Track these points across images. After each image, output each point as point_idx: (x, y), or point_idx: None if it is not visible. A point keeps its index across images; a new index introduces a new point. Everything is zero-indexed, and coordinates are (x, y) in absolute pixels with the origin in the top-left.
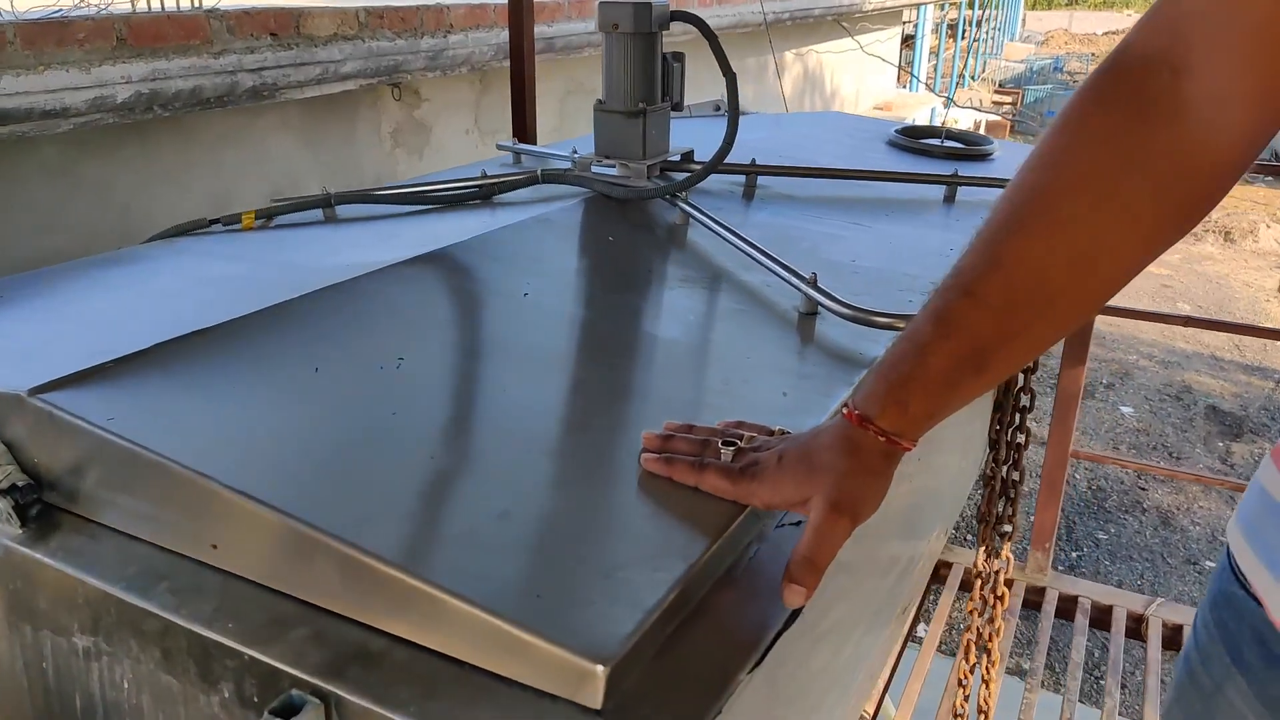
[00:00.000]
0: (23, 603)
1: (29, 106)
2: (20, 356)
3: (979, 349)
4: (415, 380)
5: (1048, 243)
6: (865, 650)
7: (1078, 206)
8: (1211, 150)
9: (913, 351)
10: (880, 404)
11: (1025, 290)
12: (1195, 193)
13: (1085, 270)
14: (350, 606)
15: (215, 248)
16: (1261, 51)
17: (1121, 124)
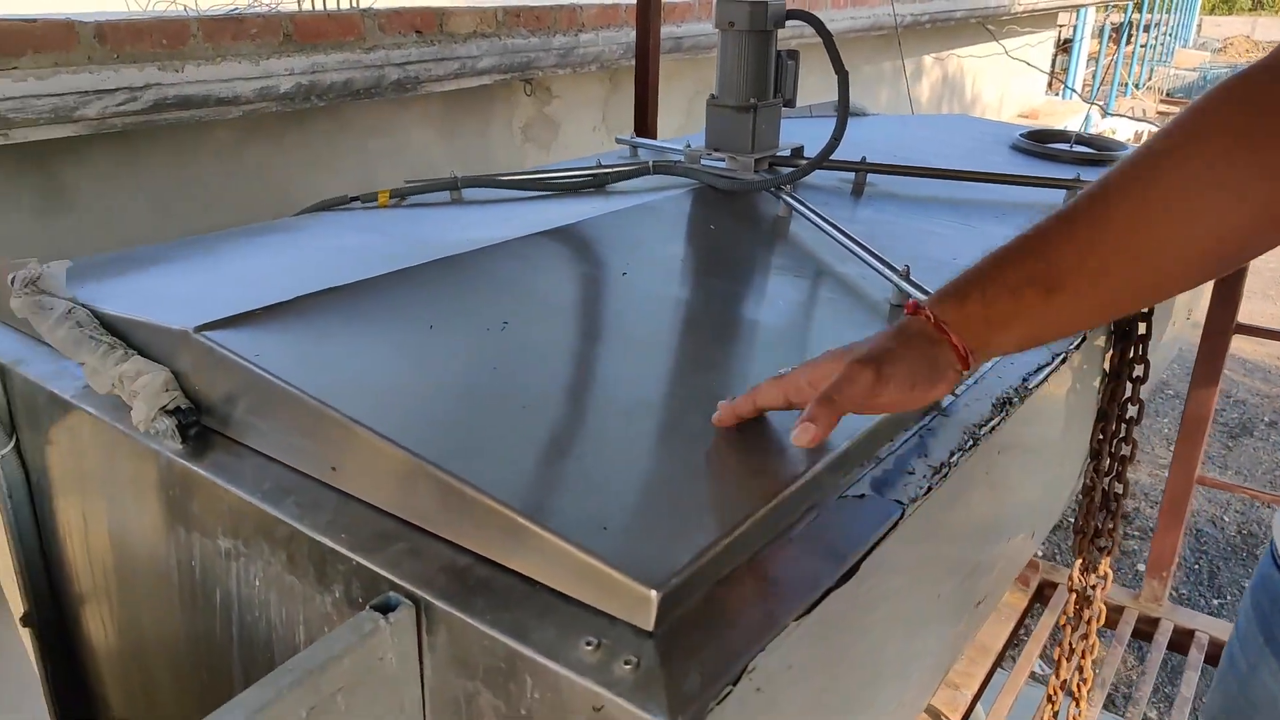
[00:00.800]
0: (179, 508)
1: (206, 94)
2: (187, 302)
3: (1054, 272)
4: (517, 342)
5: (1155, 194)
6: (930, 644)
7: (1194, 180)
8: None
9: (991, 260)
10: (941, 295)
11: (1116, 231)
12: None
13: (1180, 234)
14: (443, 527)
15: (354, 221)
16: None
17: (1258, 122)
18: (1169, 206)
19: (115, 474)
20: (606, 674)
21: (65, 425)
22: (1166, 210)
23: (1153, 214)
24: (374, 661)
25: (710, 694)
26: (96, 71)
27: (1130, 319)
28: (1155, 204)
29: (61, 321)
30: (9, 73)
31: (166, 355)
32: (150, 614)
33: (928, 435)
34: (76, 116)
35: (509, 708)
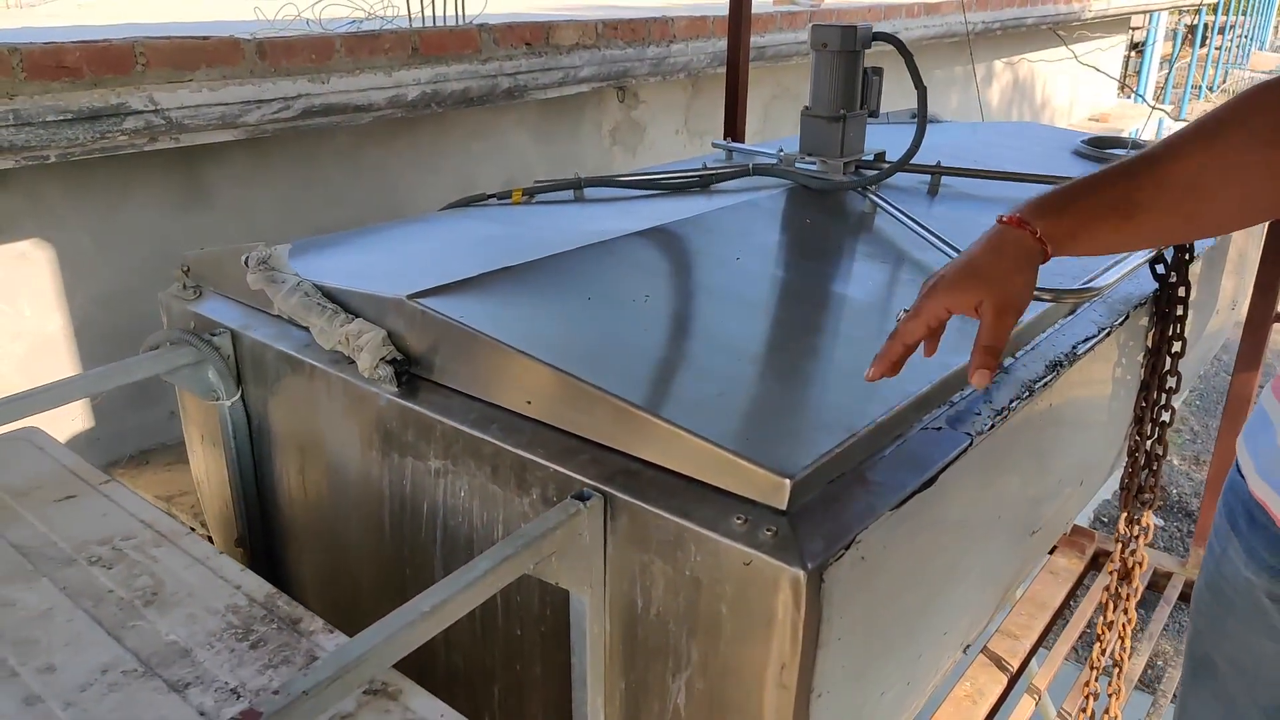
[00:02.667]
0: (394, 438)
1: (346, 102)
2: (390, 276)
3: (1134, 201)
4: (659, 309)
5: (1210, 156)
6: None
7: (1246, 151)
8: None
9: (1085, 186)
10: (1041, 211)
11: (1186, 176)
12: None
13: (1227, 189)
14: (619, 441)
15: (495, 215)
16: None
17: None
18: (1224, 164)
19: (336, 413)
20: (754, 539)
21: (289, 377)
22: (1222, 168)
23: (1211, 168)
24: (575, 536)
25: (829, 555)
26: (258, 84)
27: (1166, 299)
28: (1214, 160)
29: (292, 293)
30: (185, 84)
31: (380, 318)
32: (359, 528)
33: (993, 388)
34: (239, 123)
35: (675, 570)
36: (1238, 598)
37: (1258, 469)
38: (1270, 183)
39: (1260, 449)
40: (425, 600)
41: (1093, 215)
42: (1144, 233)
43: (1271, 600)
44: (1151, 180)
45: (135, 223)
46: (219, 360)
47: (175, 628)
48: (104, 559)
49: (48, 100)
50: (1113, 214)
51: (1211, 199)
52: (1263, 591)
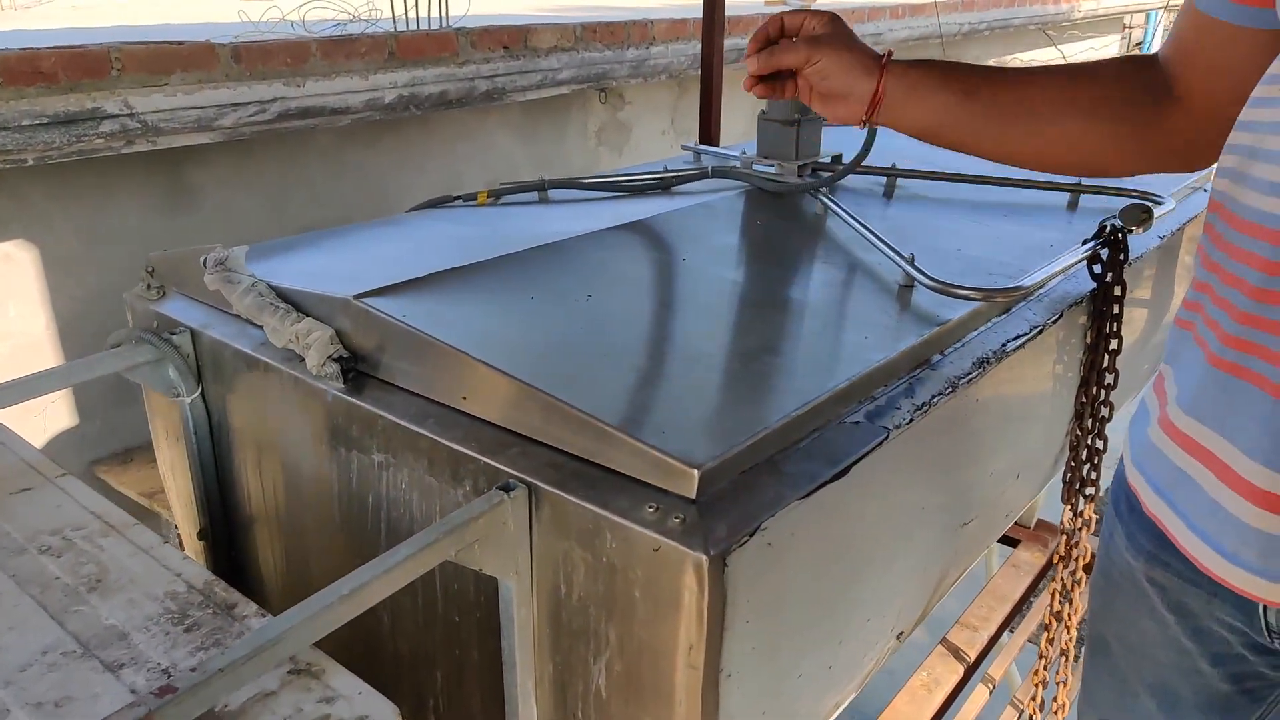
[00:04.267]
0: (340, 432)
1: (322, 105)
2: (342, 277)
3: (973, 87)
4: (598, 309)
5: (1058, 91)
6: (919, 549)
7: (1079, 88)
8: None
9: (951, 64)
10: (901, 66)
11: (1021, 94)
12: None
13: (1055, 119)
14: (546, 435)
15: (460, 216)
16: None
17: (1133, 81)
18: (1066, 102)
19: (289, 410)
20: (663, 526)
21: (246, 374)
22: (1063, 105)
23: (1051, 99)
24: (499, 525)
25: (733, 540)
26: (234, 87)
27: (1103, 298)
28: (1058, 97)
29: (247, 293)
30: (160, 88)
31: (329, 317)
32: (312, 521)
33: (916, 384)
34: (215, 126)
35: (594, 557)
36: (1123, 580)
37: (1132, 457)
38: (1101, 138)
39: (1136, 438)
40: (346, 584)
41: (935, 80)
42: (973, 121)
43: (1149, 583)
44: (1002, 82)
45: (121, 224)
46: (178, 358)
47: (115, 612)
48: (53, 548)
49: (24, 105)
50: (955, 85)
51: (1045, 122)
52: (1142, 574)
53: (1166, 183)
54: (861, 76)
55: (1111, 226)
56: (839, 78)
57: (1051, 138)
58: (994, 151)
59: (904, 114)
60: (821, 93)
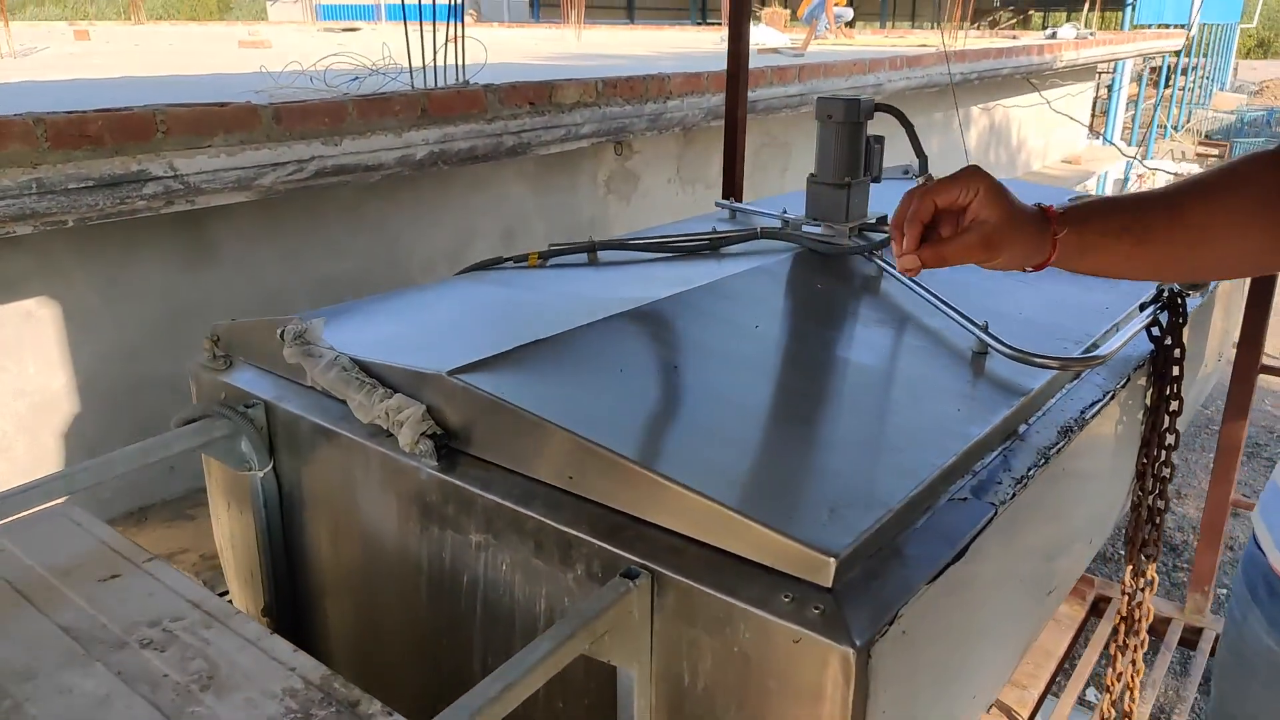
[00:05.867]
0: (433, 511)
1: (357, 163)
2: (425, 349)
3: (1149, 230)
4: (689, 381)
5: (1221, 206)
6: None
7: (1237, 209)
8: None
9: (1110, 204)
10: (1070, 218)
11: (1195, 220)
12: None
13: (1230, 239)
14: (663, 517)
15: (515, 279)
16: None
17: None
18: (1223, 220)
19: (373, 486)
20: (802, 617)
21: (324, 448)
22: (1226, 224)
23: (1215, 220)
24: (625, 614)
25: (875, 631)
26: (274, 147)
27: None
28: (1218, 214)
29: (330, 367)
30: (204, 150)
31: (419, 392)
32: (394, 600)
33: (1010, 455)
34: (254, 186)
35: (723, 646)
36: (1261, 664)
37: (1276, 544)
38: (1267, 241)
39: (1277, 524)
40: (493, 684)
41: (1108, 233)
42: (1150, 261)
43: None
44: (1168, 215)
45: (143, 281)
46: (253, 432)
47: (234, 713)
48: (156, 641)
49: (70, 169)
50: (1127, 236)
51: (1223, 243)
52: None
53: None
54: (1034, 251)
55: (1170, 291)
56: (1013, 258)
57: (1228, 261)
58: (1193, 276)
59: (1077, 266)
60: (991, 263)
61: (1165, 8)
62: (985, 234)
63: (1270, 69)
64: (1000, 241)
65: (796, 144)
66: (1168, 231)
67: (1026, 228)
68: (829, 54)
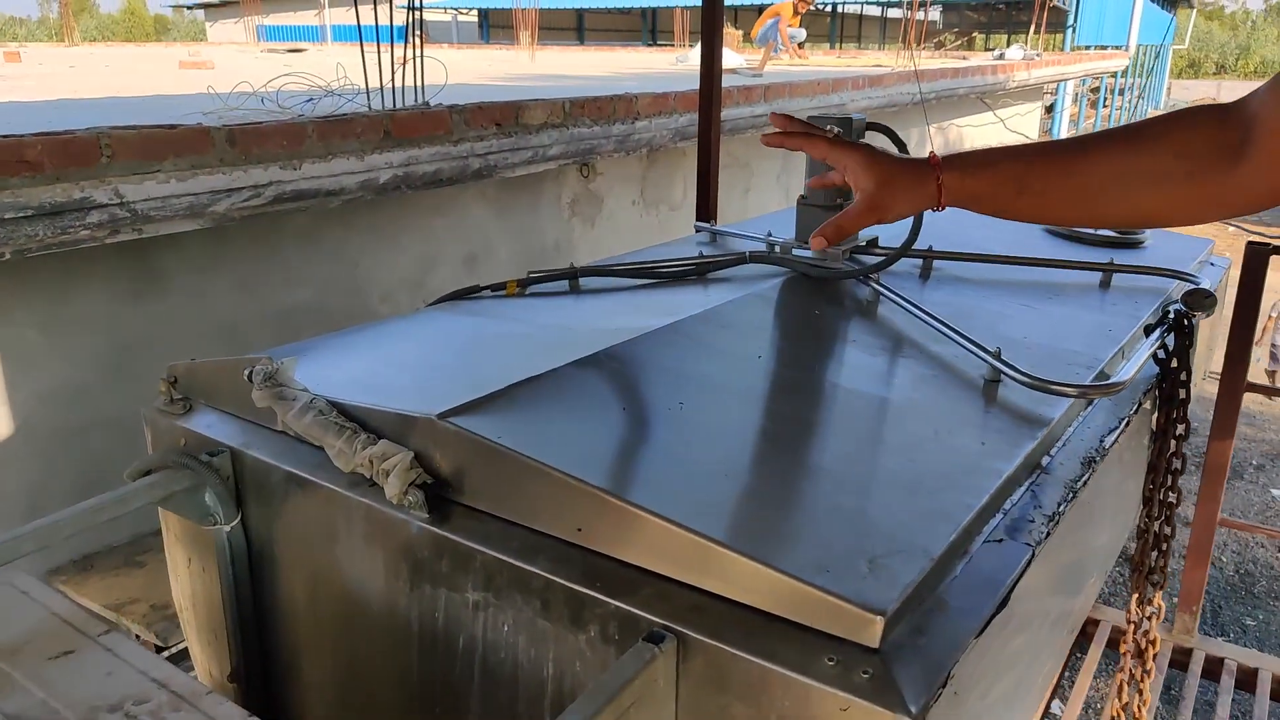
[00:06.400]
0: (425, 568)
1: (317, 188)
2: (410, 391)
3: (1028, 180)
4: (696, 419)
5: (1119, 163)
6: (1046, 657)
7: (1139, 160)
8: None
9: (997, 155)
10: (954, 166)
11: (1079, 176)
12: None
13: (1131, 194)
14: (686, 573)
15: (495, 310)
16: None
17: (1199, 145)
18: (1115, 177)
19: (355, 540)
20: (849, 682)
21: (299, 499)
22: (1115, 180)
23: (1103, 175)
24: (651, 682)
25: (930, 696)
26: (228, 172)
27: (1170, 384)
28: (1107, 169)
29: (305, 411)
30: (153, 175)
31: (405, 437)
32: (382, 666)
33: (1038, 490)
34: (207, 213)
35: (759, 714)
36: None
37: None
38: (1183, 191)
39: None
40: None
41: (994, 182)
42: (1034, 209)
43: None
44: (1054, 166)
45: (85, 313)
46: (219, 483)
47: None
48: None
49: (6, 197)
50: (1010, 185)
51: (1110, 197)
52: None
53: (1182, 254)
54: (923, 198)
55: (1177, 312)
56: (906, 208)
57: (1114, 211)
58: (1055, 223)
59: (975, 210)
60: (888, 219)
61: (1103, 30)
62: (867, 199)
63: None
64: (883, 201)
65: (757, 165)
66: (1061, 184)
67: (906, 179)
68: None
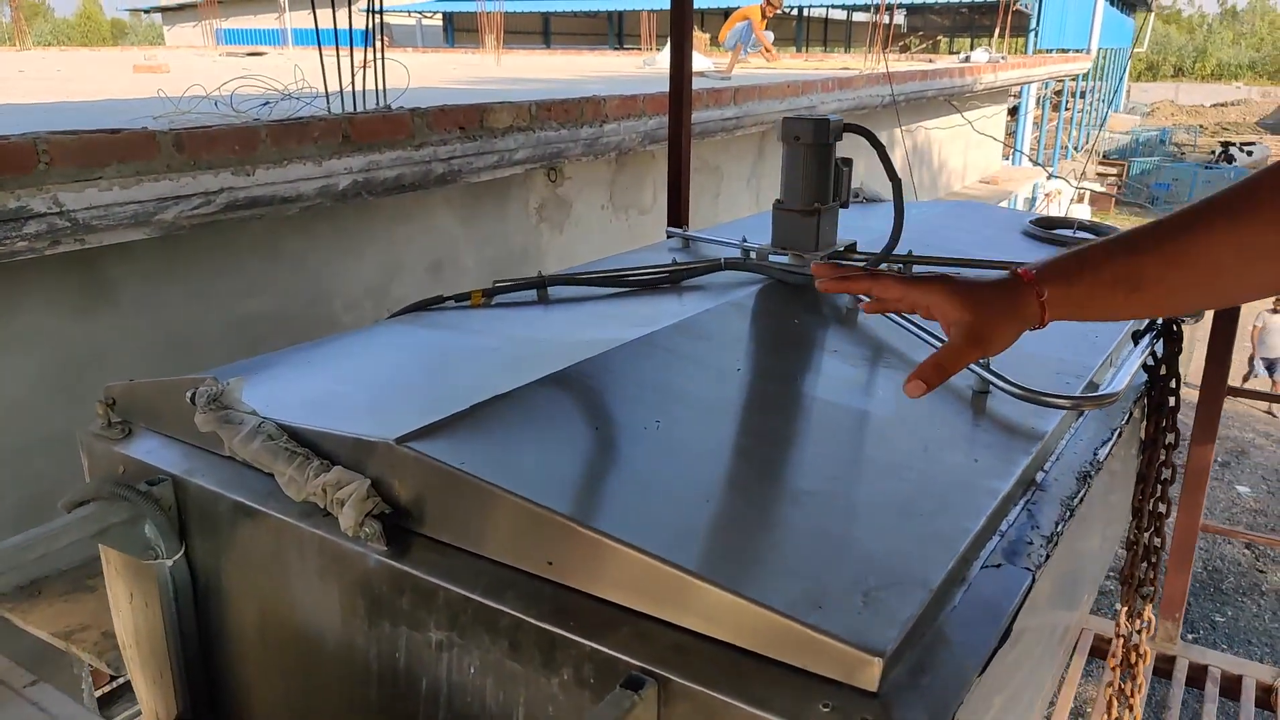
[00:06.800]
0: (384, 604)
1: (273, 194)
2: (368, 412)
3: (1139, 278)
4: (675, 439)
5: (1232, 235)
6: (1045, 679)
7: (1248, 242)
8: None
9: (1096, 253)
10: (1053, 276)
11: (1191, 260)
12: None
13: (1251, 267)
14: (667, 610)
15: (459, 322)
16: None
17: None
18: (1250, 243)
19: (309, 575)
20: None
21: (247, 531)
22: (1247, 247)
23: (1232, 246)
24: None
25: None
26: (176, 178)
27: (1159, 392)
28: (1220, 249)
29: (253, 436)
30: (94, 182)
31: (360, 463)
32: (338, 709)
33: (1034, 508)
34: (154, 221)
35: None
36: None
37: None
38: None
39: None
40: None
41: (1100, 286)
42: (1149, 306)
43: None
44: (1162, 257)
45: (29, 327)
46: (159, 514)
47: None
48: None
49: None
50: (1120, 287)
51: (1231, 276)
52: None
53: None
54: (1024, 319)
55: (1165, 319)
56: (1008, 334)
57: (1236, 292)
58: (1171, 315)
59: (1080, 318)
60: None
61: (1065, 33)
62: (966, 332)
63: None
64: (985, 332)
65: (727, 168)
66: (1176, 275)
67: (1002, 303)
68: (760, 77)
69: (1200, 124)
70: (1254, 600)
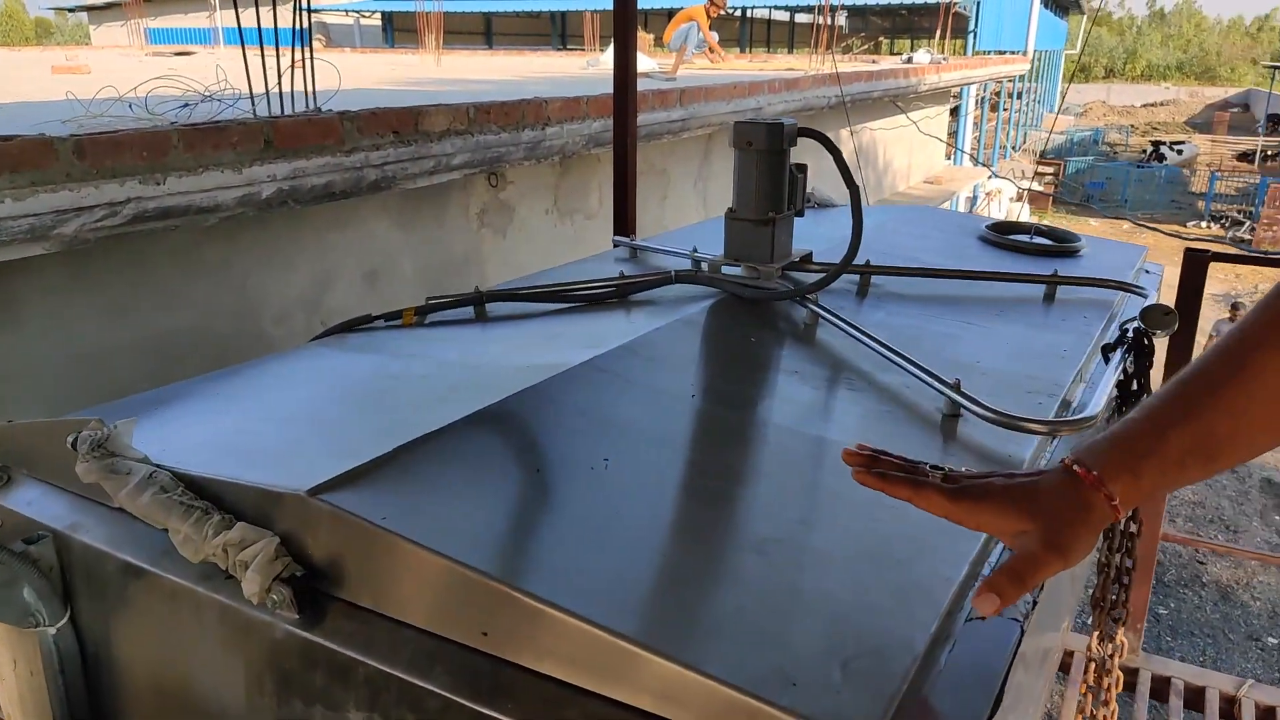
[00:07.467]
0: (294, 680)
1: (188, 204)
2: (277, 458)
3: (1212, 443)
4: (625, 481)
5: (1271, 387)
6: None
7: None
8: None
9: (1153, 431)
10: (1116, 471)
11: (1263, 400)
12: None
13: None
14: (621, 690)
15: (387, 345)
16: None
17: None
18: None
19: (210, 645)
20: None
21: (141, 595)
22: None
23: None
24: None
25: None
26: (76, 189)
27: (1131, 406)
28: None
29: (144, 486)
30: None
31: (268, 518)
32: None
33: None
34: (52, 236)
35: None
36: None
37: None
38: None
39: None
40: None
41: (1169, 465)
42: (1228, 465)
43: None
44: (1227, 413)
45: None
46: (38, 578)
47: None
48: None
49: None
50: (1193, 460)
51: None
52: None
53: (1119, 263)
54: (1097, 518)
55: (1136, 331)
56: (1085, 538)
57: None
58: (1249, 459)
59: (1158, 494)
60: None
61: (1002, 35)
62: (1044, 543)
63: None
64: (1065, 541)
65: (674, 171)
66: (1246, 426)
67: (1070, 511)
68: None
69: (1131, 124)
70: (1195, 592)
